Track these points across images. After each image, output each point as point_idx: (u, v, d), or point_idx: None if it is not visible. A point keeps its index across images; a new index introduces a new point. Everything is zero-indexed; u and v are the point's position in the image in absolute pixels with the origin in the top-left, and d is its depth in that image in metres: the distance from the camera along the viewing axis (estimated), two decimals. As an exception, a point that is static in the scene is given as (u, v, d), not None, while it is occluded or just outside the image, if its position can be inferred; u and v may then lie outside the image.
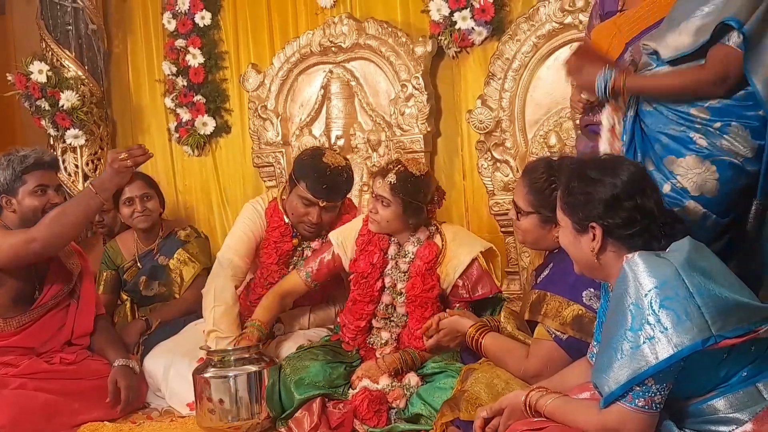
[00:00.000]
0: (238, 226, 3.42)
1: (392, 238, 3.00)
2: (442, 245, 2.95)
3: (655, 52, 2.31)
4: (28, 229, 3.01)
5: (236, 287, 3.30)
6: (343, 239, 3.10)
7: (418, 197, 2.87)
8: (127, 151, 3.03)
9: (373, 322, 3.02)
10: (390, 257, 2.99)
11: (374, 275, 2.98)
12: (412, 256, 2.95)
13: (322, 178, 3.13)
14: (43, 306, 3.16)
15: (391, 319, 3.00)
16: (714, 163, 2.23)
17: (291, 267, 3.32)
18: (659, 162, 2.30)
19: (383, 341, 3.00)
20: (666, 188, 2.26)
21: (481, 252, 2.96)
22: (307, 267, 3.14)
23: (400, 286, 2.96)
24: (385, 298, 2.99)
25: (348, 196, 3.39)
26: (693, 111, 2.24)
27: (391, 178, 2.84)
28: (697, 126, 2.23)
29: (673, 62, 2.27)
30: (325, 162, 3.16)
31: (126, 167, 3.02)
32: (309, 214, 3.20)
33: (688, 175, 2.25)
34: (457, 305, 2.94)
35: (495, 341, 2.58)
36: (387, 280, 2.99)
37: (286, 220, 3.31)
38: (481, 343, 2.59)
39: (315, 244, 3.33)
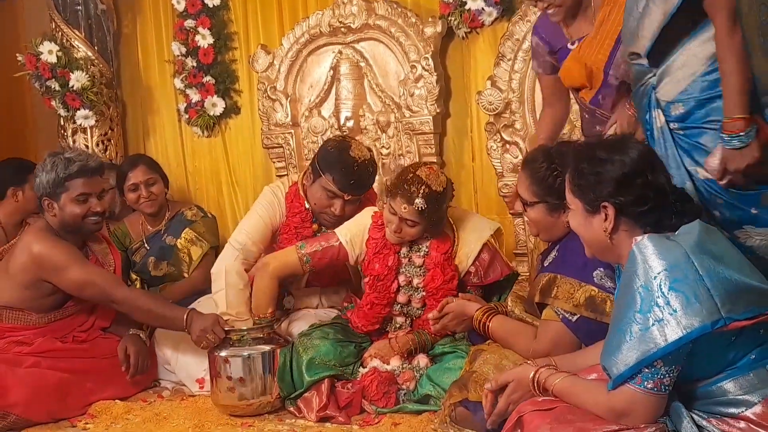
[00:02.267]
0: (255, 211, 3.35)
1: None
2: (454, 236, 2.97)
3: (637, 54, 2.26)
4: (121, 284, 3.17)
5: (246, 270, 3.23)
6: (352, 237, 3.04)
7: (442, 210, 2.88)
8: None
9: (393, 314, 3.04)
10: (402, 255, 2.97)
11: (390, 277, 2.96)
12: (427, 250, 2.95)
13: (349, 172, 3.08)
14: (76, 305, 3.19)
15: (407, 312, 3.03)
16: None
17: None
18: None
19: (398, 326, 3.03)
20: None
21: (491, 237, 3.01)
22: (309, 249, 3.05)
23: (416, 281, 2.96)
24: (401, 298, 2.99)
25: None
26: None
27: (420, 204, 2.75)
28: None
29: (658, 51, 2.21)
30: (353, 156, 3.10)
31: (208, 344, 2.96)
32: (333, 206, 3.16)
33: None
34: (469, 288, 2.98)
35: (502, 324, 2.61)
36: (401, 278, 2.97)
37: (307, 206, 3.27)
38: (488, 326, 2.62)
39: None
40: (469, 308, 2.74)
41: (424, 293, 2.95)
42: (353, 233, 3.04)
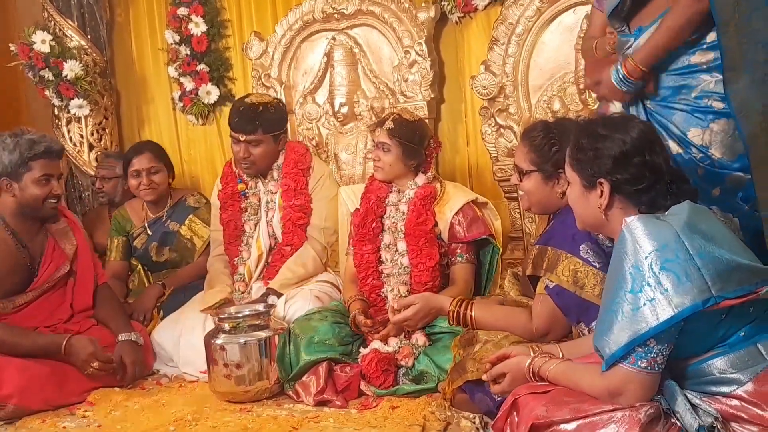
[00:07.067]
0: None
1: (393, 187, 3.21)
2: (441, 188, 3.18)
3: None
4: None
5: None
6: (352, 193, 3.42)
7: (414, 139, 3.13)
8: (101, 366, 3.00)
9: (383, 268, 3.12)
10: (390, 203, 3.20)
11: (369, 217, 3.18)
12: (411, 196, 3.13)
13: (235, 112, 3.47)
14: (39, 288, 3.15)
15: (395, 259, 3.10)
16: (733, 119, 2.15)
17: (246, 212, 3.56)
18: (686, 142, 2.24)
19: (397, 293, 3.05)
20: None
21: (476, 205, 3.16)
22: (348, 248, 3.31)
23: (400, 225, 3.13)
24: (386, 238, 3.17)
25: (278, 133, 3.53)
26: (694, 59, 2.20)
27: (389, 124, 3.11)
28: (704, 68, 2.19)
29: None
30: (243, 101, 3.51)
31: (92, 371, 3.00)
32: (239, 151, 3.44)
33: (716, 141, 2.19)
34: (458, 251, 3.07)
35: (486, 310, 2.59)
36: (387, 222, 3.18)
37: (235, 170, 3.61)
38: (470, 315, 2.59)
39: (272, 186, 3.53)
40: (436, 300, 2.75)
41: (403, 233, 3.10)
42: (354, 190, 3.44)
